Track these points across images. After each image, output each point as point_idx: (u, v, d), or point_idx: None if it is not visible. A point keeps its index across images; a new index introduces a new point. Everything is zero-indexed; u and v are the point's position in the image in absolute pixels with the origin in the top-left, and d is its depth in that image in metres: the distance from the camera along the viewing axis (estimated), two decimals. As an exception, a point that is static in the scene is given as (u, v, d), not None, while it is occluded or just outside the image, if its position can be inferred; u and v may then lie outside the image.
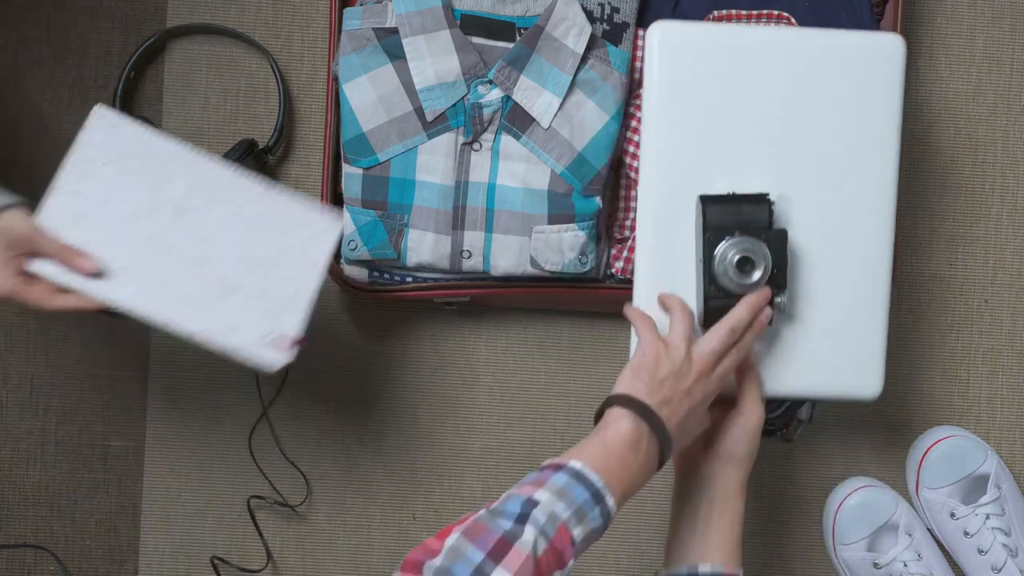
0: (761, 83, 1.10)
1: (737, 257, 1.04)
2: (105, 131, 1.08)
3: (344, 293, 1.35)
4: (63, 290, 1.05)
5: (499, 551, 0.87)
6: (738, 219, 1.06)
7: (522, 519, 0.89)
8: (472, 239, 1.23)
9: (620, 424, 0.99)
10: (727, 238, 1.05)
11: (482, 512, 0.91)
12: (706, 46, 1.10)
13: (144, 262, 1.07)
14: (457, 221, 1.23)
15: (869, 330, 1.12)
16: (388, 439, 1.36)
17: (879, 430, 1.36)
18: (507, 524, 0.89)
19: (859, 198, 1.12)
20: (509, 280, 1.26)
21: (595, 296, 1.26)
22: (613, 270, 1.26)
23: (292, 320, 1.09)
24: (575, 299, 1.28)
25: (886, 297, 1.13)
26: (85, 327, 1.35)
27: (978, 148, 1.37)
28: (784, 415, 1.32)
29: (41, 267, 1.05)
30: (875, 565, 1.29)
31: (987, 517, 1.28)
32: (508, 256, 1.23)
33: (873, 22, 1.27)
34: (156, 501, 1.35)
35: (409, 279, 1.26)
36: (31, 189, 1.36)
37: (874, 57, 1.11)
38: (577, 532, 0.92)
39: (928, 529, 1.32)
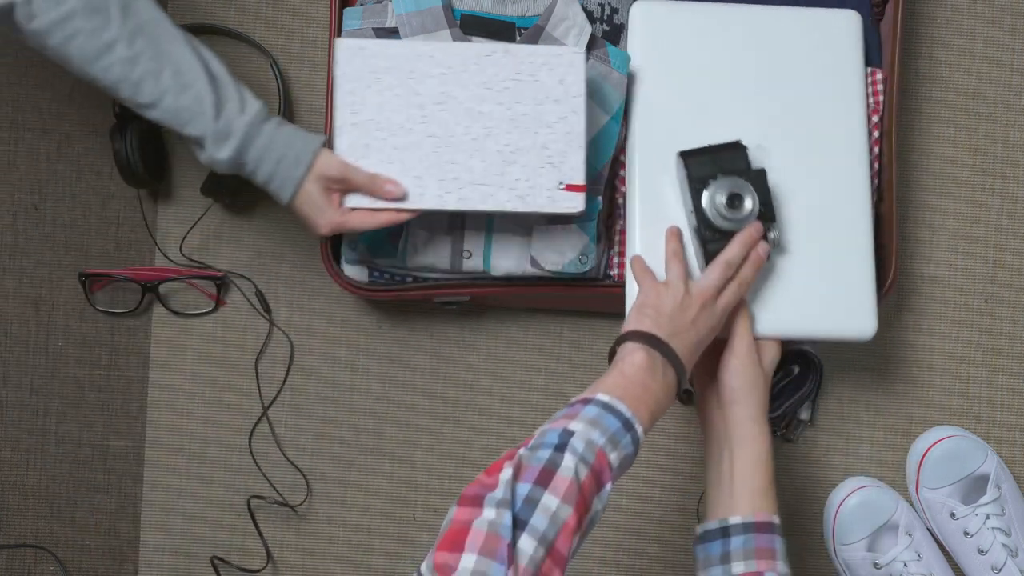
0: (736, 53, 1.21)
1: (725, 196, 1.12)
2: (353, 59, 1.14)
3: (344, 293, 1.35)
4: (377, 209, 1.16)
5: (544, 479, 0.91)
6: (718, 167, 1.14)
7: (561, 448, 0.94)
8: (472, 239, 1.23)
9: (635, 356, 1.04)
10: (711, 182, 1.13)
11: (522, 451, 0.94)
12: (684, 23, 1.22)
13: (433, 162, 1.15)
14: (458, 221, 1.23)
15: (858, 273, 1.20)
16: (388, 439, 1.36)
17: (879, 430, 1.36)
18: (547, 454, 0.93)
19: (834, 151, 1.21)
20: (509, 280, 1.26)
21: (595, 296, 1.26)
22: (612, 272, 1.26)
23: (573, 165, 1.16)
24: (575, 299, 1.28)
25: (869, 239, 1.20)
26: (85, 327, 1.35)
27: (978, 148, 1.37)
28: (785, 415, 1.32)
29: (357, 202, 1.14)
30: (875, 565, 1.29)
31: (987, 517, 1.28)
32: (509, 256, 1.23)
33: (874, 22, 1.27)
34: (156, 501, 1.35)
35: (409, 279, 1.26)
36: (34, 188, 1.37)
37: (837, 28, 1.23)
38: (613, 457, 0.96)
39: (928, 529, 1.32)
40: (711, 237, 1.13)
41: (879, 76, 1.26)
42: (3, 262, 1.35)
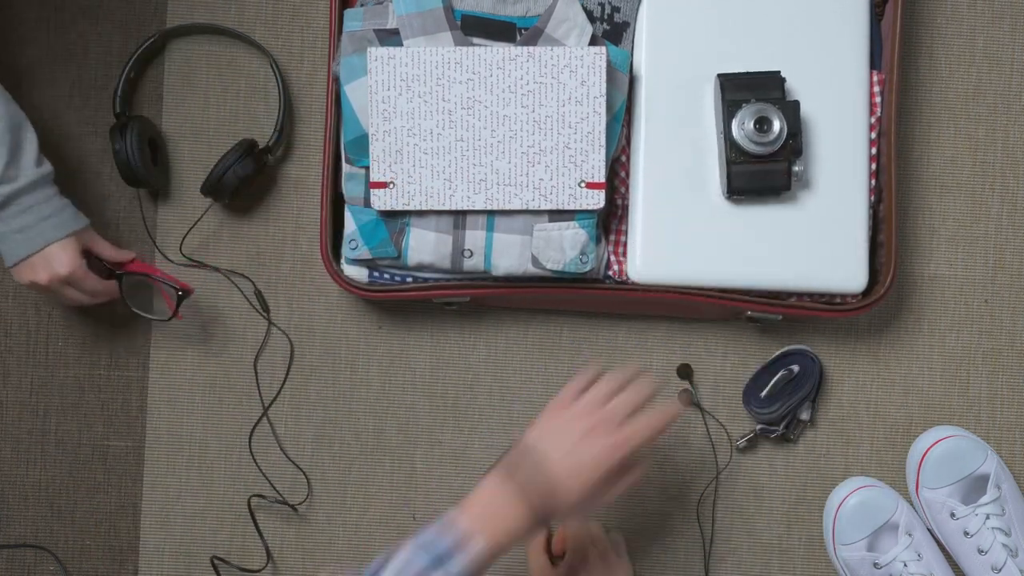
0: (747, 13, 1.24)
1: (754, 119, 1.17)
2: (385, 67, 1.19)
3: (344, 293, 1.35)
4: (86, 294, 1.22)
5: None
6: (753, 93, 1.19)
7: None
8: (473, 238, 1.23)
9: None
10: (744, 105, 1.18)
11: None
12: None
13: (462, 165, 1.20)
14: (459, 220, 1.23)
15: (851, 225, 1.24)
16: (388, 439, 1.36)
17: (879, 430, 1.36)
18: None
19: (837, 105, 1.24)
20: (509, 280, 1.26)
21: (595, 296, 1.26)
22: (611, 272, 1.26)
23: (594, 164, 1.21)
24: (575, 299, 1.28)
25: (866, 192, 1.24)
26: (85, 327, 1.35)
27: (978, 148, 1.37)
28: (785, 415, 1.32)
29: (384, 204, 1.21)
30: (875, 565, 1.29)
31: (987, 517, 1.28)
32: (510, 255, 1.23)
33: (875, 21, 1.27)
34: (156, 501, 1.35)
35: (409, 279, 1.26)
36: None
37: None
38: None
39: (928, 529, 1.32)
40: (736, 158, 1.19)
41: (875, 78, 1.26)
42: (3, 262, 1.35)
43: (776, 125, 1.18)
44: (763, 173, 1.20)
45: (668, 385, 1.35)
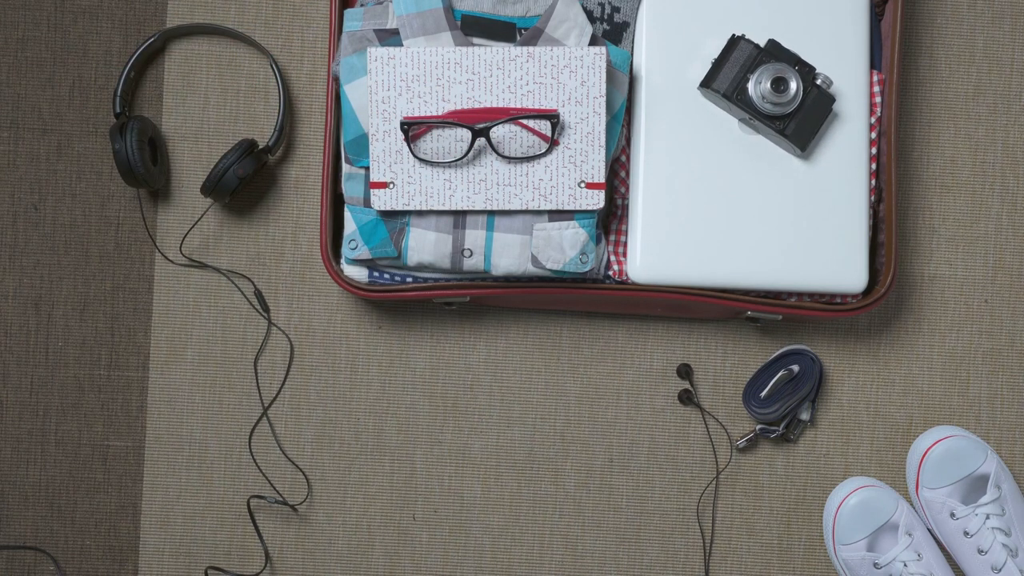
0: (746, 12, 1.25)
1: (768, 86, 1.18)
2: (384, 68, 1.19)
3: (344, 293, 1.35)
4: None
5: None
6: (738, 68, 1.19)
7: None
8: (473, 238, 1.23)
9: None
10: (746, 85, 1.18)
11: None
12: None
13: (461, 165, 1.20)
14: (458, 220, 1.23)
15: (851, 224, 1.24)
16: (388, 439, 1.36)
17: (879, 430, 1.36)
18: None
19: (837, 105, 1.24)
20: (510, 280, 1.26)
21: (595, 296, 1.26)
22: (611, 272, 1.26)
23: (594, 164, 1.21)
24: (575, 299, 1.28)
25: (866, 192, 1.24)
26: (85, 327, 1.35)
27: (978, 148, 1.37)
28: (785, 415, 1.32)
29: (387, 204, 1.20)
30: (875, 565, 1.29)
31: (987, 517, 1.28)
32: (509, 255, 1.23)
33: (875, 21, 1.27)
34: (156, 501, 1.36)
35: (409, 279, 1.26)
36: (34, 188, 1.37)
37: None
38: None
39: (928, 529, 1.32)
40: (782, 126, 1.19)
41: (875, 78, 1.26)
42: (3, 262, 1.35)
43: (791, 79, 1.18)
44: (809, 112, 1.21)
45: (668, 385, 1.35)
